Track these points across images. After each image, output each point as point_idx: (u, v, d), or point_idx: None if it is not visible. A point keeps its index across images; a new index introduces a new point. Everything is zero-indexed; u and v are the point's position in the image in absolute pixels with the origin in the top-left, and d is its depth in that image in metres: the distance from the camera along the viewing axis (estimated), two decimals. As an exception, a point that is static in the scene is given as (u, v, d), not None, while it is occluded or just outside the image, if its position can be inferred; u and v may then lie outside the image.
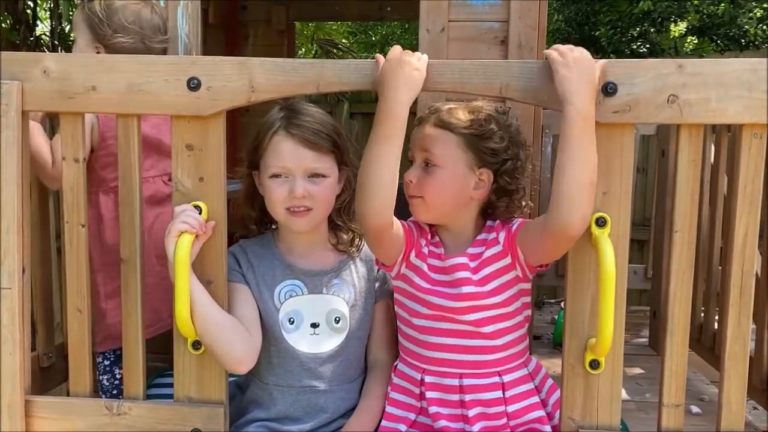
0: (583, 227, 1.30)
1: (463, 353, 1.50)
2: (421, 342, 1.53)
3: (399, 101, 1.33)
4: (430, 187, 1.48)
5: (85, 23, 1.90)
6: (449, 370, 1.51)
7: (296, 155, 1.51)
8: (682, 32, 6.37)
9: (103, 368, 1.97)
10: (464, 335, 1.49)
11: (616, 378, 1.39)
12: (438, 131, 1.48)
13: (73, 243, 1.48)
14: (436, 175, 1.47)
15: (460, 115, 1.48)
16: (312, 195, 1.52)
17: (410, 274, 1.53)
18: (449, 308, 1.48)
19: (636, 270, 3.16)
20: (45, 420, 1.49)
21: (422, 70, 1.35)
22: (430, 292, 1.50)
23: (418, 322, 1.53)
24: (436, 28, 2.03)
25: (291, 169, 1.52)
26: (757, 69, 1.31)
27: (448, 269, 1.49)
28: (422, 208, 1.51)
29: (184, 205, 1.42)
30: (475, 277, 1.48)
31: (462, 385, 1.50)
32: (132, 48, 1.87)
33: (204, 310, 1.41)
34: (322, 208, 1.56)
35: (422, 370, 1.53)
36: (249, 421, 1.60)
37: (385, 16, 4.66)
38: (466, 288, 1.47)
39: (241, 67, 1.39)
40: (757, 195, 1.35)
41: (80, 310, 1.49)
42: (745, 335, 1.37)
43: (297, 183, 1.51)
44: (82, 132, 1.45)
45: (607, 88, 1.32)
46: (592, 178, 1.28)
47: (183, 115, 1.41)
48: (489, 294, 1.47)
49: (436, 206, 1.51)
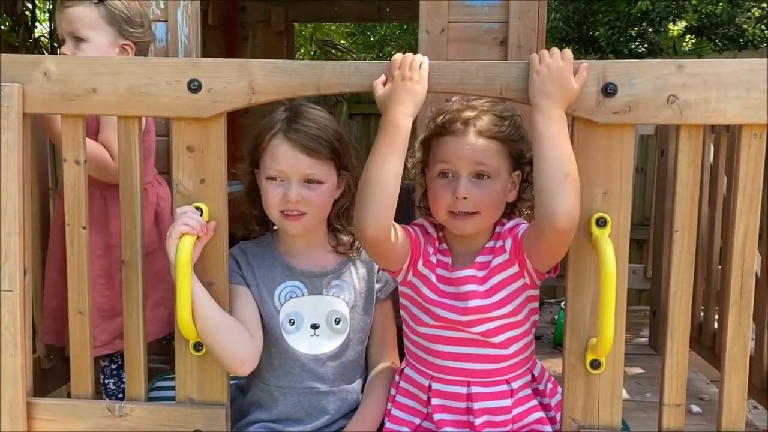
0: (571, 221, 1.27)
1: (473, 362, 1.49)
2: (429, 350, 1.52)
3: (403, 113, 1.32)
4: (488, 201, 1.44)
5: (106, 21, 1.82)
6: (458, 378, 1.50)
7: (293, 160, 1.50)
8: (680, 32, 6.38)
9: (110, 372, 1.96)
10: (474, 344, 1.48)
11: (617, 378, 1.39)
12: (486, 141, 1.43)
13: (74, 245, 1.48)
14: (491, 187, 1.44)
15: (497, 122, 1.45)
16: (306, 200, 1.51)
17: (417, 282, 1.51)
18: (456, 321, 1.47)
19: (635, 270, 3.16)
20: (46, 422, 1.49)
21: (424, 83, 1.34)
22: (437, 304, 1.48)
23: (425, 330, 1.52)
24: (435, 29, 2.04)
25: (287, 174, 1.51)
26: (756, 69, 1.31)
27: (455, 281, 1.48)
28: (476, 225, 1.45)
29: (185, 207, 1.41)
30: (482, 288, 1.46)
31: (470, 393, 1.48)
32: (149, 42, 1.86)
33: (205, 311, 1.41)
34: (317, 212, 1.56)
35: (430, 377, 1.52)
36: (250, 422, 1.60)
37: (384, 17, 4.67)
38: (472, 302, 1.45)
39: (241, 68, 1.39)
40: (757, 195, 1.35)
41: (81, 312, 1.49)
42: (746, 335, 1.37)
43: (292, 188, 1.50)
44: (82, 134, 1.45)
45: (607, 88, 1.32)
46: (567, 171, 1.26)
47: (184, 117, 1.41)
48: (496, 306, 1.46)
49: (490, 219, 1.48)
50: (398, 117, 1.32)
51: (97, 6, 1.81)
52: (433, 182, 1.48)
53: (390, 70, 1.35)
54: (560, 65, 1.30)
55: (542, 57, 1.31)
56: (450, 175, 1.45)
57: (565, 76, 1.30)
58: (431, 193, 1.49)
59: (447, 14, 2.02)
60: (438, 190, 1.46)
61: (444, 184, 1.45)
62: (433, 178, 1.47)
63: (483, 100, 1.47)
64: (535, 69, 1.31)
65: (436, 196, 1.46)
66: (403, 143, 1.33)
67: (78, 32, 1.81)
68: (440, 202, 1.45)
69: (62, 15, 1.83)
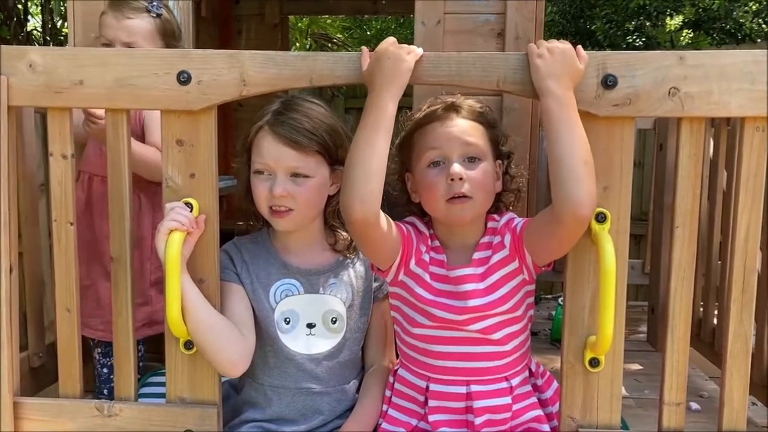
0: (592, 206, 1.25)
1: (472, 360, 1.46)
2: (425, 351, 1.48)
3: (388, 92, 1.29)
4: (481, 183, 1.40)
5: (159, 34, 1.91)
6: (457, 378, 1.46)
7: (277, 153, 1.46)
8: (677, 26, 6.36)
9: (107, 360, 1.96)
10: (472, 342, 1.45)
11: (616, 376, 1.37)
12: (474, 124, 1.43)
13: (61, 241, 1.44)
14: (483, 169, 1.41)
15: (478, 106, 1.45)
16: (293, 195, 1.47)
17: (410, 282, 1.47)
18: (453, 320, 1.44)
19: (633, 265, 3.13)
20: (34, 422, 1.46)
21: (411, 62, 1.31)
22: (432, 303, 1.45)
23: (420, 331, 1.48)
24: (431, 21, 2.01)
25: (272, 167, 1.48)
26: (759, 60, 1.28)
27: (453, 280, 1.44)
28: (473, 210, 1.42)
29: (174, 203, 1.38)
30: (482, 285, 1.43)
31: (470, 392, 1.45)
32: None
33: (196, 310, 1.38)
34: (305, 209, 1.51)
35: (427, 378, 1.49)
36: (243, 421, 1.57)
37: (380, 10, 4.63)
38: (472, 301, 1.42)
39: (232, 60, 1.35)
40: (760, 189, 1.32)
41: (69, 310, 1.46)
42: (747, 333, 1.35)
43: (277, 182, 1.47)
44: (70, 127, 1.42)
45: (607, 80, 1.29)
46: (585, 157, 1.24)
47: (173, 110, 1.38)
48: (496, 303, 1.43)
49: (483, 205, 1.44)
50: (383, 97, 1.29)
51: (155, 19, 1.90)
52: (423, 175, 1.43)
53: (378, 48, 1.32)
54: (562, 46, 1.28)
55: (540, 44, 1.29)
56: (441, 162, 1.41)
57: (569, 57, 1.27)
58: (424, 187, 1.43)
59: (443, 6, 1.99)
60: (431, 179, 1.41)
61: (436, 173, 1.41)
62: (423, 171, 1.43)
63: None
64: (536, 53, 1.28)
65: (429, 187, 1.41)
66: (389, 123, 1.29)
67: (136, 43, 1.87)
68: (435, 190, 1.40)
69: (120, 24, 1.88)
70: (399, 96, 1.31)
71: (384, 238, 1.38)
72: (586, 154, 1.24)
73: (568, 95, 1.26)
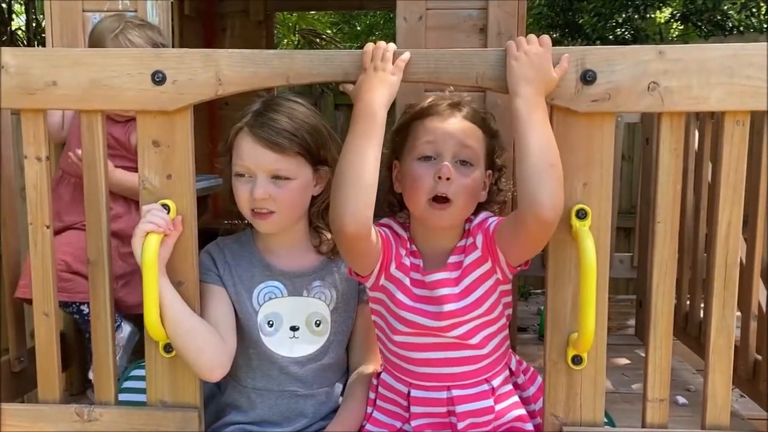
0: (555, 212, 1.23)
1: (451, 366, 1.44)
2: (406, 358, 1.46)
3: (377, 102, 1.27)
4: (467, 189, 1.37)
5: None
6: (437, 384, 1.45)
7: (256, 155, 1.44)
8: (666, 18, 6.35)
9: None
10: (450, 347, 1.43)
11: (599, 373, 1.36)
12: (474, 128, 1.40)
13: (38, 245, 1.42)
14: (472, 175, 1.38)
15: (480, 112, 1.42)
16: (274, 198, 1.45)
17: (391, 287, 1.44)
18: (431, 327, 1.42)
19: (622, 259, 3.12)
20: (13, 428, 1.44)
21: (399, 74, 1.31)
22: (410, 309, 1.42)
23: (400, 339, 1.46)
24: (413, 17, 1.99)
25: (252, 170, 1.46)
26: (739, 54, 1.28)
27: (428, 285, 1.42)
28: (451, 216, 1.39)
29: (150, 205, 1.36)
30: (457, 289, 1.41)
31: (451, 397, 1.44)
32: None
33: (175, 314, 1.36)
34: (287, 211, 1.49)
35: (409, 383, 1.47)
36: (226, 423, 1.56)
37: (365, 5, 4.60)
38: (447, 306, 1.40)
39: (207, 59, 1.34)
40: (741, 184, 1.31)
41: (47, 314, 1.44)
42: (730, 327, 1.34)
43: (258, 184, 1.45)
44: (44, 129, 1.40)
45: (586, 76, 1.28)
46: (551, 160, 1.23)
47: (148, 111, 1.36)
48: (471, 307, 1.41)
49: (463, 213, 1.41)
50: (373, 104, 1.27)
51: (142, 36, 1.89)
52: (411, 167, 1.39)
53: (363, 63, 1.30)
54: (539, 51, 1.27)
55: (519, 43, 1.28)
56: (433, 157, 1.38)
57: (544, 64, 1.26)
58: (410, 180, 1.39)
59: (425, 1, 1.97)
60: (419, 173, 1.37)
61: (426, 167, 1.37)
62: (412, 163, 1.39)
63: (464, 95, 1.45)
64: (513, 55, 1.27)
65: (416, 181, 1.37)
66: (379, 132, 1.27)
67: None
68: (420, 185, 1.36)
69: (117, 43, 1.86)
70: (389, 104, 1.29)
71: (371, 249, 1.36)
72: (552, 157, 1.23)
73: (538, 99, 1.25)
